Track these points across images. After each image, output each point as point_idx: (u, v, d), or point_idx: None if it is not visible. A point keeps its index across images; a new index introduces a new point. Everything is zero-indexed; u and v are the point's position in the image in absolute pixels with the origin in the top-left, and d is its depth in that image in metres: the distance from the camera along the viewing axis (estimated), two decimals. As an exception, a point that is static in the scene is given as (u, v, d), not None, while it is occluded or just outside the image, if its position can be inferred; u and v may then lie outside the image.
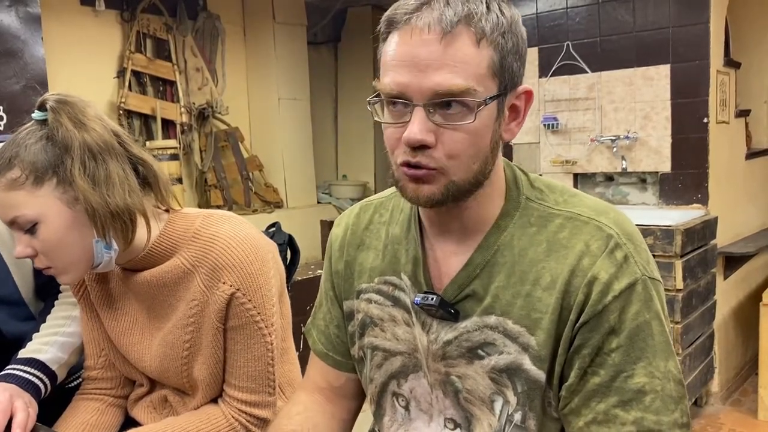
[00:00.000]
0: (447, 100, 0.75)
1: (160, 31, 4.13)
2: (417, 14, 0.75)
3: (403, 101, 0.76)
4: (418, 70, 0.74)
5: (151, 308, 1.17)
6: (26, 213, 1.01)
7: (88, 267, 1.08)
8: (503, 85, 0.78)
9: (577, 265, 0.80)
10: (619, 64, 3.16)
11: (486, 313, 0.84)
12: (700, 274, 2.88)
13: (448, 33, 0.73)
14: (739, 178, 3.41)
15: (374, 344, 0.95)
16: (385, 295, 0.94)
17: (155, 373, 1.20)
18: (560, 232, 0.83)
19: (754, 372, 3.26)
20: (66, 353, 1.26)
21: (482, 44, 0.75)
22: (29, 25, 3.36)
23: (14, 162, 1.01)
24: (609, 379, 0.78)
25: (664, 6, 3.02)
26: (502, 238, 0.85)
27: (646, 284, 0.80)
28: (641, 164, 3.17)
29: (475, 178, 0.80)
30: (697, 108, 3.00)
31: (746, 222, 3.53)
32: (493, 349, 0.84)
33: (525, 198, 0.87)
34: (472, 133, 0.76)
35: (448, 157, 0.77)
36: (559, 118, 3.35)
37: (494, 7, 0.77)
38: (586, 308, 0.79)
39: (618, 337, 0.78)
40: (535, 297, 0.82)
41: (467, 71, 0.74)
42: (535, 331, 0.82)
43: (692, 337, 2.82)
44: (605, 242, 0.81)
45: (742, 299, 3.51)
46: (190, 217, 1.14)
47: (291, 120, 4.67)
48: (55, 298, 1.32)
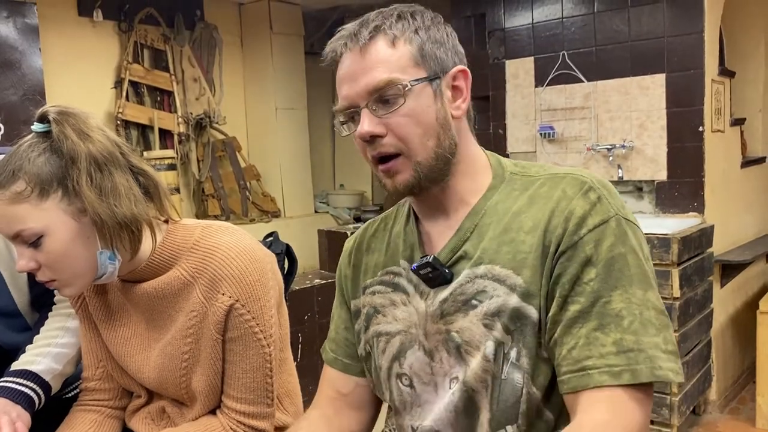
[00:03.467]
0: (379, 94, 0.87)
1: (158, 41, 4.14)
2: (340, 43, 0.91)
3: (353, 110, 0.90)
4: (354, 81, 0.89)
5: (150, 319, 1.17)
6: (32, 226, 1.00)
7: (91, 279, 1.07)
8: (432, 70, 0.89)
9: (556, 207, 0.88)
10: (615, 73, 3.18)
11: (476, 264, 0.91)
12: (697, 282, 2.88)
13: (365, 45, 0.88)
14: (734, 187, 3.42)
15: (378, 331, 1.01)
16: (387, 283, 1.01)
17: (154, 384, 1.20)
18: (541, 188, 0.92)
19: (752, 380, 3.26)
20: (60, 364, 1.26)
21: (397, 44, 0.88)
22: (27, 36, 3.37)
23: (18, 174, 1.01)
24: (588, 305, 0.83)
25: (659, 16, 3.04)
26: (489, 204, 0.94)
27: (619, 222, 0.86)
28: (637, 173, 3.18)
29: (435, 153, 0.90)
30: (692, 117, 3.02)
31: (742, 230, 3.55)
32: (484, 296, 0.89)
33: (509, 173, 0.96)
34: (411, 113, 0.88)
35: (400, 139, 0.89)
36: (555, 127, 3.36)
37: (405, 16, 0.91)
38: (564, 239, 0.86)
39: (595, 267, 0.84)
40: (518, 240, 0.89)
41: (388, 67, 0.87)
42: (521, 271, 0.88)
43: (690, 345, 2.82)
44: (580, 186, 0.89)
45: (739, 307, 3.51)
46: (190, 228, 1.15)
47: (288, 129, 4.68)
48: (49, 310, 1.32)
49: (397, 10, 0.92)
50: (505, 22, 3.52)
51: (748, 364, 3.49)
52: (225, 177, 4.41)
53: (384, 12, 0.92)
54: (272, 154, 4.65)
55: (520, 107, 3.50)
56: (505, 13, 3.52)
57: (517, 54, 3.49)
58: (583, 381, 0.82)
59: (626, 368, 0.80)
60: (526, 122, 3.49)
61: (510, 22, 3.50)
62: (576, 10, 3.27)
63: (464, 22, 3.71)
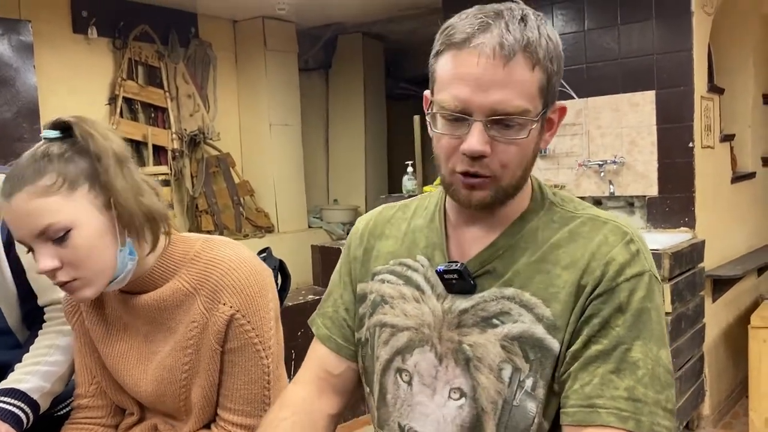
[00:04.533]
0: (505, 118, 0.83)
1: (152, 58, 4.16)
2: (481, 37, 0.83)
3: (463, 116, 0.84)
4: (481, 90, 0.82)
5: (149, 332, 1.16)
6: (61, 219, 1.01)
7: (109, 279, 1.07)
8: (546, 103, 0.87)
9: (597, 250, 0.88)
10: (606, 90, 3.21)
11: (505, 285, 0.90)
12: (689, 297, 2.90)
13: (510, 58, 0.81)
14: (725, 202, 3.45)
15: (383, 321, 0.99)
16: (398, 274, 0.99)
17: (151, 398, 1.19)
18: (582, 227, 0.92)
19: (745, 395, 3.27)
20: (49, 382, 1.25)
21: (536, 69, 0.84)
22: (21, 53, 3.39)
23: (47, 169, 1.02)
24: (610, 348, 0.84)
25: (648, 34, 3.08)
26: (527, 228, 0.93)
27: (651, 278, 0.88)
28: (629, 188, 3.20)
29: (518, 182, 0.89)
30: (682, 133, 3.05)
31: (733, 245, 3.57)
32: (507, 318, 0.89)
33: (549, 201, 0.95)
34: (523, 145, 0.86)
35: (501, 166, 0.86)
36: (547, 143, 3.38)
37: (544, 33, 0.85)
38: (602, 283, 0.86)
39: (624, 315, 0.85)
40: (554, 274, 0.89)
41: (523, 93, 0.83)
42: (551, 304, 0.87)
43: (682, 360, 2.83)
44: (622, 236, 0.89)
45: (731, 322, 3.53)
46: (191, 241, 1.16)
47: (282, 145, 4.70)
48: (40, 327, 1.32)
49: (536, 20, 0.86)
50: (497, 39, 3.55)
51: (741, 378, 3.50)
52: (219, 193, 4.42)
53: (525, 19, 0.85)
54: (266, 169, 4.67)
55: (513, 123, 3.52)
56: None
57: (508, 71, 3.52)
58: (591, 417, 0.83)
59: (632, 416, 0.82)
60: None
61: (502, 39, 3.53)
62: (567, 27, 3.31)
63: (456, 39, 3.74)
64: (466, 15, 0.87)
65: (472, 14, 0.86)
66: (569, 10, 3.30)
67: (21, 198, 1.01)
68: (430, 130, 0.89)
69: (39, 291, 1.31)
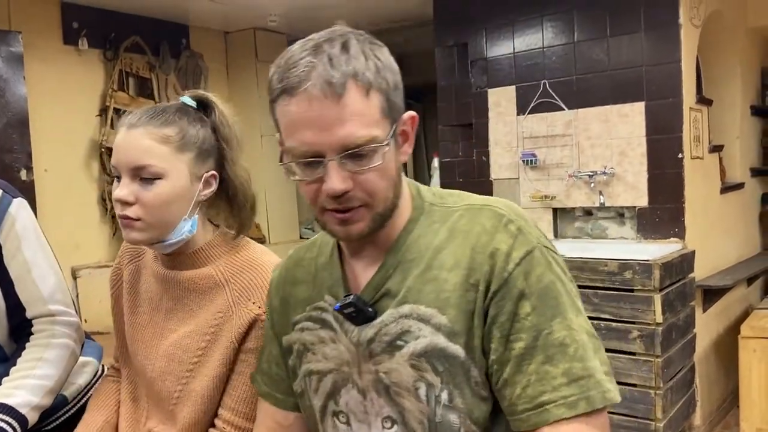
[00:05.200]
0: (355, 151, 0.82)
1: (143, 69, 4.16)
2: (307, 80, 0.82)
3: (316, 159, 0.84)
4: (324, 130, 0.82)
5: (170, 309, 1.21)
6: (161, 166, 1.12)
7: (161, 237, 1.16)
8: (393, 120, 0.87)
9: (477, 243, 0.88)
10: (595, 101, 3.23)
11: (400, 304, 0.90)
12: (679, 308, 2.90)
13: (342, 93, 0.81)
14: (714, 212, 3.47)
15: (309, 369, 0.99)
16: (315, 320, 0.99)
17: (156, 373, 1.21)
18: (459, 221, 0.91)
19: (736, 405, 3.27)
20: (37, 396, 1.24)
21: (371, 93, 0.83)
22: (11, 64, 3.38)
23: (174, 123, 1.14)
24: (532, 340, 0.83)
25: (637, 45, 3.11)
26: (410, 239, 0.92)
27: (542, 251, 0.87)
28: (619, 199, 3.22)
29: (392, 204, 0.89)
30: (671, 144, 3.07)
31: (723, 255, 3.59)
32: (409, 336, 0.88)
33: (429, 204, 0.95)
34: (381, 169, 0.85)
35: (368, 195, 0.86)
36: (537, 154, 3.40)
37: (370, 54, 0.85)
38: (493, 278, 0.85)
39: (529, 300, 0.84)
40: (442, 279, 0.88)
41: (365, 122, 0.83)
42: (445, 310, 0.87)
43: (673, 371, 2.84)
44: (498, 219, 0.89)
45: (722, 332, 3.54)
46: (237, 241, 1.24)
47: (273, 156, 4.69)
48: (27, 341, 1.31)
49: (358, 44, 0.85)
50: (487, 51, 3.58)
51: (732, 388, 3.50)
52: (209, 204, 4.41)
53: (347, 46, 0.84)
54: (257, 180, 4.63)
55: (503, 135, 3.55)
56: (487, 42, 3.58)
57: (499, 83, 3.54)
58: (543, 417, 0.82)
59: (581, 397, 0.81)
60: (509, 149, 3.53)
61: (492, 51, 3.56)
62: (556, 39, 3.33)
63: (447, 51, 3.76)
64: (291, 55, 0.85)
65: (296, 54, 0.84)
66: (559, 22, 3.33)
67: (139, 132, 1.12)
68: (289, 177, 0.89)
69: (27, 303, 1.30)
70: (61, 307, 1.33)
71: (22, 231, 1.30)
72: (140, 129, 1.12)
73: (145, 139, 1.11)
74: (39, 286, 1.30)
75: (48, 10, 3.67)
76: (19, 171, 3.43)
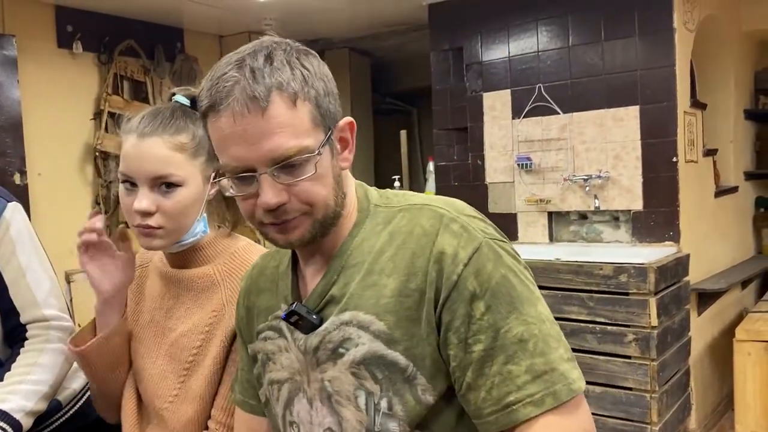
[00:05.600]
0: (285, 163, 0.81)
1: (138, 73, 4.15)
2: (230, 96, 0.81)
3: (249, 173, 0.83)
4: (251, 144, 0.81)
5: (170, 308, 1.22)
6: (180, 174, 1.13)
7: (180, 238, 1.17)
8: (327, 128, 0.85)
9: (417, 246, 0.85)
10: (590, 105, 3.24)
11: (341, 311, 0.88)
12: (674, 311, 2.91)
13: (266, 106, 0.80)
14: (708, 216, 3.48)
15: (271, 379, 0.98)
16: (274, 329, 0.98)
17: (156, 372, 1.21)
18: (400, 222, 0.89)
19: (731, 408, 3.28)
20: (31, 401, 1.24)
21: (298, 103, 0.82)
22: (5, 67, 3.36)
23: (187, 128, 1.14)
24: (490, 341, 0.81)
25: (632, 50, 3.12)
26: (354, 243, 0.91)
27: (489, 245, 0.85)
28: (614, 203, 3.22)
29: (333, 211, 0.87)
30: (666, 148, 3.08)
31: (717, 258, 3.60)
32: (350, 344, 0.87)
33: (374, 206, 0.93)
34: (317, 178, 0.84)
35: (305, 204, 0.84)
36: (532, 158, 3.41)
37: (295, 63, 0.84)
38: (443, 284, 0.83)
39: (483, 299, 0.82)
40: (381, 285, 0.86)
41: (293, 132, 0.81)
42: (384, 317, 0.85)
43: (668, 374, 2.84)
44: (439, 220, 0.86)
45: (717, 335, 3.55)
46: (236, 238, 1.25)
47: (268, 160, 4.69)
48: (21, 346, 1.30)
49: (283, 54, 0.84)
50: (483, 55, 3.59)
51: (727, 391, 3.51)
52: (204, 208, 4.40)
53: (271, 57, 0.83)
54: (252, 184, 4.66)
55: (498, 138, 3.55)
56: (482, 46, 3.59)
57: (494, 87, 3.55)
58: (511, 418, 0.81)
59: (546, 393, 0.80)
60: (504, 153, 3.53)
61: (487, 55, 3.57)
62: (551, 44, 3.34)
63: (442, 55, 3.77)
64: (216, 70, 0.84)
65: (221, 69, 0.84)
66: (554, 27, 3.34)
67: (156, 142, 1.11)
68: (227, 192, 0.87)
69: (22, 308, 1.30)
70: (56, 312, 1.32)
71: (17, 235, 1.30)
72: (155, 138, 1.12)
73: (162, 148, 1.12)
74: (33, 290, 1.30)
75: (42, 14, 3.66)
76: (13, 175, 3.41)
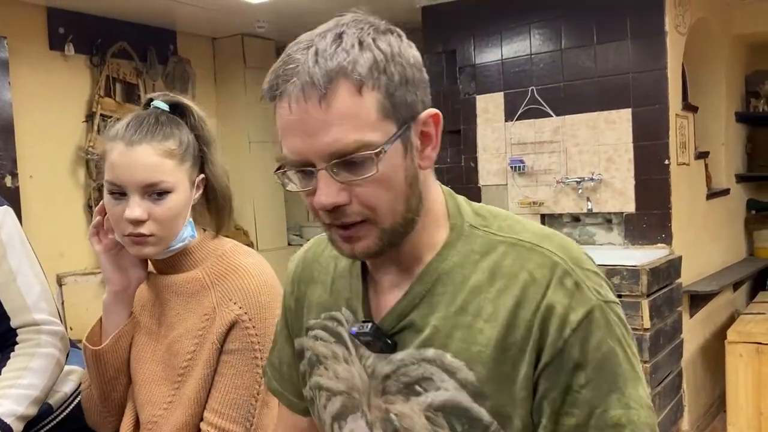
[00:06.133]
0: (345, 159, 0.72)
1: (130, 75, 4.14)
2: (288, 81, 0.73)
3: (308, 168, 0.75)
4: (309, 136, 0.73)
5: (162, 314, 1.22)
6: (170, 180, 1.13)
7: (169, 244, 1.17)
8: (402, 120, 0.75)
9: (523, 296, 0.76)
10: (583, 108, 3.25)
11: (424, 345, 0.79)
12: (667, 313, 2.92)
13: (325, 93, 0.71)
14: (700, 218, 3.50)
15: (319, 384, 0.91)
16: (330, 331, 0.90)
17: (150, 378, 1.20)
18: (503, 260, 0.79)
19: (723, 409, 3.29)
20: (22, 405, 1.24)
21: (364, 91, 0.72)
22: (-4, 69, 3.35)
23: (173, 134, 1.15)
24: (585, 418, 0.74)
25: (624, 53, 3.13)
26: (443, 267, 0.81)
27: (603, 310, 0.76)
28: (606, 205, 3.23)
29: (404, 218, 0.77)
30: (658, 150, 3.09)
31: (709, 261, 3.62)
32: (430, 385, 0.79)
33: (469, 225, 0.83)
34: (381, 180, 0.74)
35: (367, 208, 0.75)
36: (525, 160, 3.42)
37: (369, 45, 0.73)
38: (546, 347, 0.74)
39: (585, 371, 0.74)
40: (476, 329, 0.77)
41: (355, 124, 0.72)
42: (474, 366, 0.76)
43: (661, 376, 2.85)
44: (551, 270, 0.77)
45: (708, 337, 3.56)
46: (223, 241, 1.25)
47: (261, 163, 4.68)
48: (12, 350, 1.30)
49: (356, 32, 0.74)
50: (476, 58, 3.59)
51: (719, 393, 3.53)
52: (197, 210, 4.39)
53: (342, 36, 0.74)
54: (245, 187, 4.64)
55: (491, 141, 3.56)
56: (475, 49, 3.59)
57: (487, 89, 3.56)
58: None
59: None
60: (497, 155, 3.54)
61: (480, 58, 3.58)
62: (544, 46, 3.35)
63: (436, 57, 3.77)
64: (286, 51, 0.76)
65: (290, 48, 0.76)
66: (546, 30, 3.35)
67: (146, 150, 1.12)
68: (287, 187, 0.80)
69: (12, 312, 1.29)
70: (47, 316, 1.32)
71: (8, 239, 1.29)
72: (144, 145, 1.12)
73: (152, 155, 1.12)
74: (24, 295, 1.29)
75: (34, 16, 3.64)
76: (4, 177, 3.40)
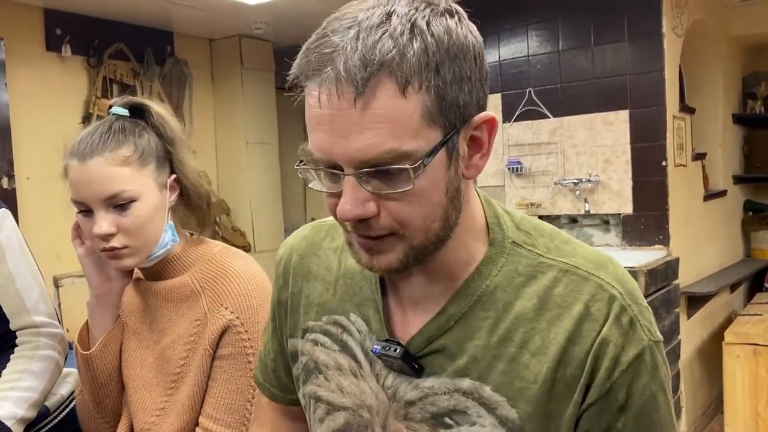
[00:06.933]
0: (379, 169, 0.61)
1: (127, 76, 4.13)
2: (325, 67, 0.61)
3: (334, 171, 0.64)
4: (340, 135, 0.61)
5: (153, 321, 1.20)
6: (131, 188, 1.10)
7: (150, 252, 1.15)
8: (450, 126, 0.63)
9: (576, 331, 0.68)
10: (580, 109, 3.26)
11: (459, 375, 0.71)
12: (664, 314, 2.93)
13: (362, 89, 0.59)
14: (698, 219, 3.50)
15: (317, 394, 0.82)
16: (333, 338, 0.80)
17: (141, 384, 1.20)
18: (554, 287, 0.71)
19: (720, 411, 3.30)
20: (22, 408, 1.23)
21: (409, 92, 0.60)
22: (-7, 71, 3.34)
23: (126, 141, 1.11)
24: None
25: (621, 54, 3.13)
26: (485, 288, 0.72)
27: (652, 351, 0.71)
28: (604, 206, 3.24)
29: (437, 237, 0.67)
30: (655, 152, 3.10)
31: (706, 262, 3.62)
32: (463, 419, 0.70)
33: (511, 242, 0.73)
34: (418, 194, 0.63)
35: (398, 222, 0.64)
36: (522, 161, 3.42)
37: (422, 30, 0.60)
38: (593, 386, 0.68)
39: (625, 415, 0.69)
40: (521, 362, 0.69)
41: (393, 130, 0.60)
42: (517, 403, 0.69)
43: (658, 377, 2.85)
44: (608, 305, 0.69)
45: (706, 338, 3.57)
46: (211, 244, 1.23)
47: (259, 164, 4.68)
48: (11, 352, 1.29)
49: (409, 12, 0.61)
50: (473, 59, 3.59)
51: (716, 394, 3.53)
52: (194, 212, 4.38)
53: (391, 16, 0.60)
54: (243, 188, 4.64)
55: (489, 142, 3.55)
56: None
57: (485, 90, 3.55)
58: None
59: None
60: (495, 157, 3.54)
61: (478, 59, 3.57)
62: (541, 48, 3.35)
63: (433, 59, 3.77)
64: (325, 26, 0.63)
65: (332, 24, 0.62)
66: (544, 31, 3.35)
67: (98, 162, 1.08)
68: (309, 184, 0.68)
69: (11, 315, 1.29)
70: (45, 319, 1.31)
71: (6, 242, 1.29)
72: (96, 158, 1.09)
73: (106, 167, 1.09)
74: (23, 297, 1.29)
75: (31, 17, 3.63)
76: (0, 179, 3.39)
